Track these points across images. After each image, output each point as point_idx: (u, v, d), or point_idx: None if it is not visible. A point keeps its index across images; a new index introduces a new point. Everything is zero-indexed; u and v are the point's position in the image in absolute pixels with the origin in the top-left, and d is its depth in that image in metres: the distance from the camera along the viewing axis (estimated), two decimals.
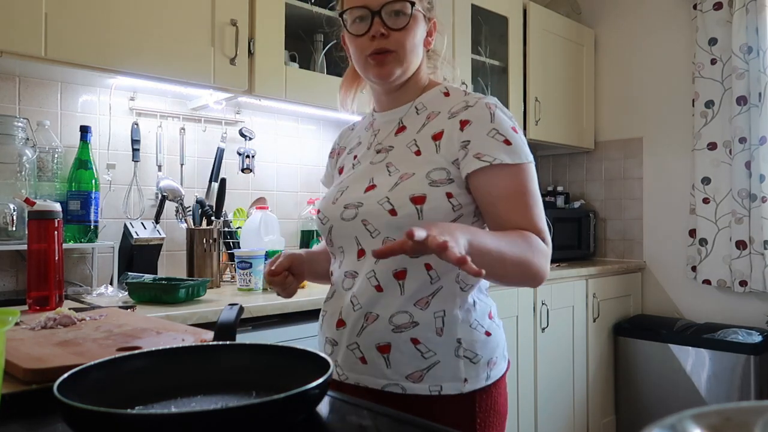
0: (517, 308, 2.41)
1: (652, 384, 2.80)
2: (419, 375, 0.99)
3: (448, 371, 0.99)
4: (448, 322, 1.00)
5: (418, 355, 0.99)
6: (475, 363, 1.01)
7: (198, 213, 1.96)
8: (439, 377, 0.99)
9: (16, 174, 1.63)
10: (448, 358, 0.99)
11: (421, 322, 1.00)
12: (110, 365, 0.65)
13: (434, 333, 1.00)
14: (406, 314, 1.00)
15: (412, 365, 0.99)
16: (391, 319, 1.00)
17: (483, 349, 1.02)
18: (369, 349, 1.01)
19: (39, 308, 1.28)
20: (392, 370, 1.00)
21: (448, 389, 0.99)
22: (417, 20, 1.07)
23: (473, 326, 1.02)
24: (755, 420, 0.35)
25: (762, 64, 2.65)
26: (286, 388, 0.55)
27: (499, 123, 1.01)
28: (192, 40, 1.76)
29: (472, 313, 1.03)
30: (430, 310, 1.00)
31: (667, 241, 3.09)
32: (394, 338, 1.00)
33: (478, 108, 1.03)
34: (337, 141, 1.29)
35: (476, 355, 1.01)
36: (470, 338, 1.01)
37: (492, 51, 2.86)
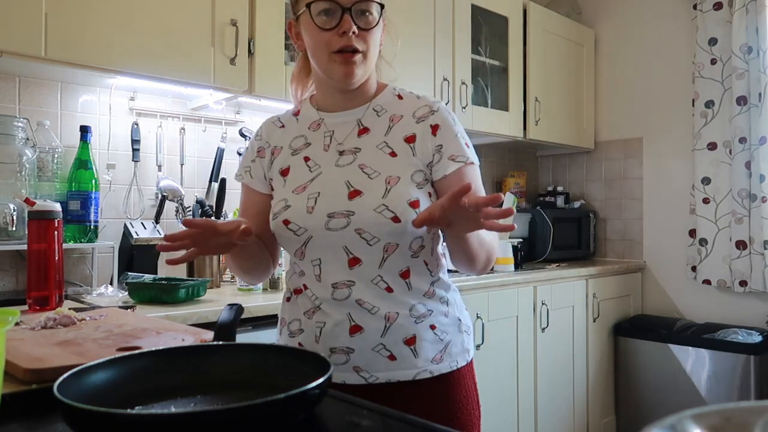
0: (517, 308, 2.41)
1: (652, 384, 2.80)
2: (440, 356, 1.07)
3: (458, 346, 1.10)
4: (450, 304, 1.12)
5: (437, 339, 1.08)
6: (468, 334, 1.14)
7: (198, 213, 1.96)
8: (454, 354, 1.09)
9: (16, 174, 1.63)
10: (456, 336, 1.10)
11: (433, 309, 1.09)
12: (110, 365, 0.65)
13: (444, 316, 1.10)
14: (422, 305, 1.07)
15: (434, 349, 1.07)
16: (411, 311, 1.06)
17: (468, 322, 1.16)
18: (396, 345, 1.05)
19: (39, 308, 1.28)
20: (420, 358, 1.06)
21: (461, 362, 1.10)
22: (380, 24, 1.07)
23: (459, 303, 1.16)
24: (755, 420, 0.35)
25: (762, 64, 2.65)
26: (286, 388, 0.55)
27: (459, 126, 1.12)
28: (192, 40, 1.76)
29: (457, 293, 1.17)
30: (436, 298, 1.10)
31: (667, 241, 3.09)
32: (418, 329, 1.06)
33: (442, 112, 1.10)
34: (264, 138, 1.18)
35: (468, 327, 1.15)
36: (463, 314, 1.15)
37: (492, 51, 2.86)
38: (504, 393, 2.35)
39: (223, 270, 2.09)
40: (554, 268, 2.73)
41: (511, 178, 3.32)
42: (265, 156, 1.17)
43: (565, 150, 3.41)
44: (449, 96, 2.50)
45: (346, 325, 1.04)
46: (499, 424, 2.33)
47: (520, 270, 2.63)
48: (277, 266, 1.32)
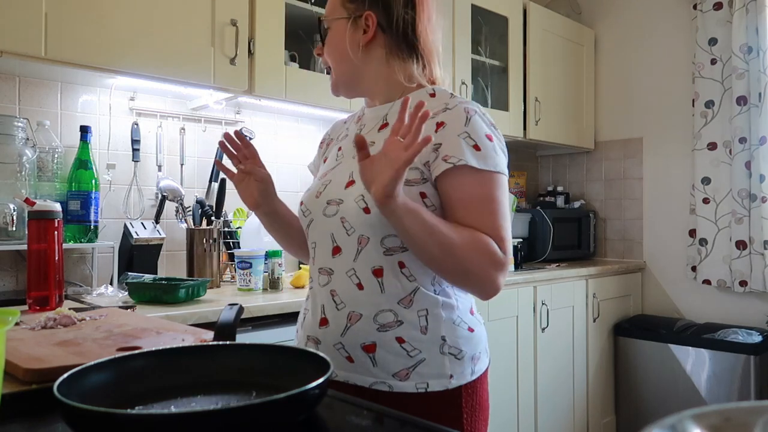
0: (517, 308, 2.41)
1: (652, 384, 2.80)
2: (405, 373, 1.00)
3: (434, 368, 1.00)
4: (432, 320, 1.01)
5: (404, 353, 1.00)
6: (459, 359, 1.02)
7: (198, 213, 1.96)
8: (426, 374, 1.00)
9: (16, 174, 1.63)
10: (434, 356, 1.01)
11: (405, 320, 1.01)
12: (110, 365, 0.65)
13: (419, 331, 1.01)
14: (391, 313, 1.01)
15: (399, 364, 1.00)
16: (376, 318, 1.01)
17: (467, 345, 1.03)
18: (354, 348, 1.02)
19: (39, 308, 1.28)
20: (378, 368, 1.01)
21: (434, 386, 1.00)
22: (336, 29, 1.09)
23: (456, 323, 1.03)
24: (755, 420, 0.35)
25: (762, 64, 2.65)
26: (286, 388, 0.55)
27: (474, 127, 1.00)
28: (192, 40, 1.76)
29: (455, 311, 1.04)
30: (413, 309, 1.01)
31: (667, 241, 3.09)
32: (380, 337, 1.01)
33: (455, 111, 1.02)
34: (328, 132, 1.30)
35: (460, 351, 1.02)
36: (454, 335, 1.02)
37: (492, 51, 2.86)
38: (504, 393, 2.35)
39: (223, 270, 2.09)
40: (554, 268, 2.73)
41: (511, 178, 3.32)
42: (323, 147, 1.29)
43: (565, 150, 3.41)
44: None
45: (318, 316, 1.07)
46: (499, 424, 2.33)
47: (520, 270, 2.63)
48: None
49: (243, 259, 1.85)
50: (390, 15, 1.07)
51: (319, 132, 2.53)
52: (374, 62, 1.10)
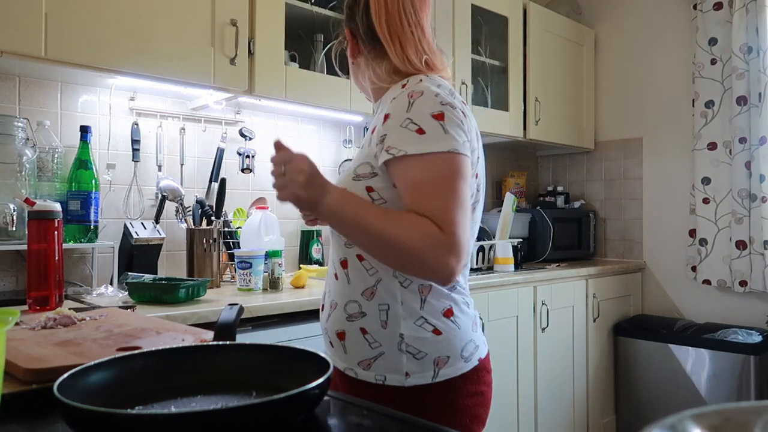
0: (517, 308, 2.41)
1: (652, 384, 2.80)
2: (368, 363, 1.05)
3: (391, 363, 1.03)
4: (391, 316, 1.03)
5: (367, 344, 1.05)
6: (418, 359, 1.02)
7: (198, 213, 1.96)
8: (383, 368, 1.03)
9: (16, 174, 1.63)
10: (392, 351, 1.03)
11: (368, 312, 1.04)
12: (110, 365, 0.65)
13: (379, 325, 1.04)
14: (356, 304, 1.06)
15: (362, 353, 1.05)
16: (345, 308, 1.07)
17: (429, 347, 1.02)
18: (332, 334, 1.10)
19: (39, 308, 1.28)
20: (348, 355, 1.07)
21: (391, 380, 1.03)
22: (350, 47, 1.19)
23: (418, 323, 1.03)
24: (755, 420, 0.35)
25: (762, 64, 2.65)
26: (286, 388, 0.55)
27: (416, 111, 0.98)
28: (192, 40, 1.76)
29: (417, 310, 1.03)
30: (375, 302, 1.04)
31: (667, 241, 3.10)
32: (348, 327, 1.07)
33: (400, 98, 1.01)
34: None
35: (420, 352, 1.02)
36: (413, 335, 1.02)
37: (492, 51, 2.86)
38: (504, 393, 2.35)
39: (223, 270, 2.09)
40: (554, 268, 2.73)
41: (511, 178, 3.32)
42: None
43: (565, 150, 3.41)
44: None
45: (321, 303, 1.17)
46: (499, 424, 2.33)
47: (520, 270, 2.63)
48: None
49: (243, 259, 1.85)
50: (356, 26, 1.14)
51: (319, 132, 2.53)
52: (363, 68, 1.16)
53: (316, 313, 1.67)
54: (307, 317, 1.68)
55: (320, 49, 2.23)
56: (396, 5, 1.10)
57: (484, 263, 2.61)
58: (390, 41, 1.10)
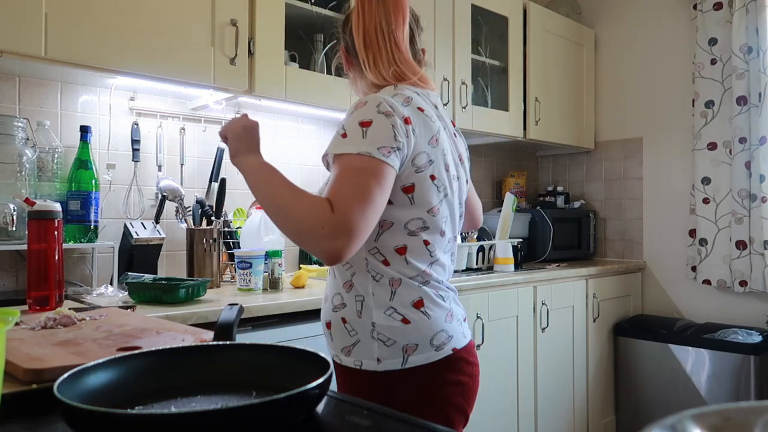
0: (517, 308, 2.41)
1: (652, 384, 2.80)
2: (348, 350, 1.16)
3: (366, 350, 1.13)
4: (365, 306, 1.14)
5: (347, 333, 1.16)
6: (388, 346, 1.12)
7: (198, 213, 1.96)
8: (360, 354, 1.14)
9: (16, 174, 1.63)
10: (366, 339, 1.13)
11: (347, 303, 1.16)
12: (110, 365, 0.65)
13: (356, 315, 1.15)
14: (340, 296, 1.18)
15: (344, 341, 1.16)
16: (332, 300, 1.19)
17: (398, 335, 1.12)
18: (323, 325, 1.22)
19: (39, 308, 1.28)
20: (334, 342, 1.19)
21: (366, 365, 1.13)
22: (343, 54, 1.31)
23: (387, 313, 1.12)
24: (755, 420, 0.35)
25: (762, 64, 2.65)
26: (286, 388, 0.55)
27: (349, 118, 1.10)
28: (192, 40, 1.76)
29: (387, 301, 1.13)
30: (352, 293, 1.15)
31: (667, 241, 3.10)
32: (333, 317, 1.18)
33: (349, 110, 1.14)
34: None
35: (389, 339, 1.12)
36: (384, 324, 1.12)
37: (492, 51, 2.86)
38: (504, 393, 2.35)
39: (223, 270, 2.09)
40: (554, 268, 2.73)
41: (511, 178, 3.32)
42: None
43: (565, 150, 3.41)
44: (449, 96, 2.50)
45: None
46: (499, 424, 2.33)
47: (520, 270, 2.63)
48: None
49: (243, 259, 1.85)
50: (345, 42, 1.28)
51: (319, 132, 2.53)
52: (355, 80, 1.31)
53: (316, 313, 1.67)
54: (307, 317, 1.68)
55: (320, 49, 2.23)
56: (372, 22, 1.20)
57: (484, 263, 2.62)
58: (365, 57, 1.21)
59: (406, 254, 1.13)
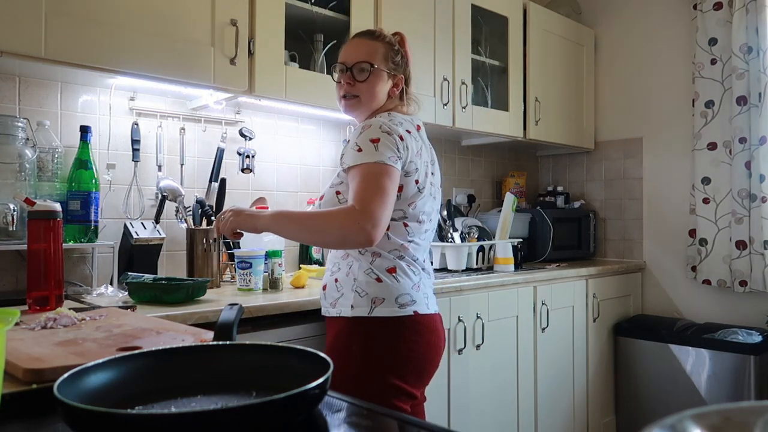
0: (517, 308, 2.41)
1: (652, 384, 2.80)
2: (334, 303, 1.46)
3: (347, 300, 1.43)
4: (351, 268, 1.45)
5: (336, 289, 1.47)
6: (362, 297, 1.41)
7: (198, 213, 1.96)
8: (342, 304, 1.44)
9: (16, 174, 1.63)
10: (347, 291, 1.43)
11: (341, 268, 1.47)
12: (110, 365, 0.65)
13: (345, 275, 1.45)
14: (337, 264, 1.49)
15: (333, 297, 1.47)
16: (332, 268, 1.51)
17: (370, 288, 1.41)
18: (321, 289, 1.53)
19: (39, 308, 1.28)
20: (326, 301, 1.49)
21: (343, 312, 1.43)
22: (378, 76, 1.50)
23: (366, 272, 1.42)
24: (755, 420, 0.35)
25: (762, 64, 2.65)
26: (286, 388, 0.55)
27: (361, 137, 1.39)
28: (192, 40, 1.76)
29: (367, 264, 1.43)
30: (346, 262, 1.46)
31: (667, 241, 3.10)
32: (328, 279, 1.50)
33: (357, 129, 1.43)
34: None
35: (363, 291, 1.41)
36: (362, 279, 1.42)
37: (492, 51, 2.86)
38: (504, 393, 2.35)
39: (223, 270, 2.09)
40: (554, 268, 2.73)
41: (511, 178, 3.32)
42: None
43: (565, 150, 3.41)
44: (449, 96, 2.50)
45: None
46: (500, 424, 2.33)
47: (520, 270, 2.63)
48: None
49: (243, 259, 1.85)
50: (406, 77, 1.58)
51: (319, 132, 2.53)
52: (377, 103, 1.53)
53: (316, 313, 1.68)
54: (307, 317, 1.68)
55: (320, 49, 2.23)
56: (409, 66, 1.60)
57: (484, 263, 2.61)
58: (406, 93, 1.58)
59: (389, 231, 1.42)
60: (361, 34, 1.56)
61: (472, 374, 2.19)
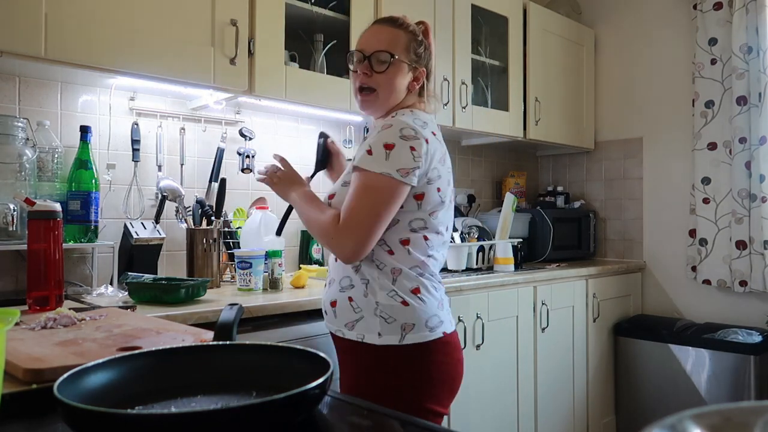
0: (517, 308, 2.41)
1: (652, 384, 2.79)
2: (352, 325, 1.33)
3: (369, 325, 1.30)
4: (370, 288, 1.32)
5: (352, 310, 1.33)
6: (389, 323, 1.29)
7: (198, 213, 1.96)
8: (363, 328, 1.31)
9: (16, 174, 1.63)
10: (369, 316, 1.31)
11: (355, 285, 1.33)
12: (110, 365, 0.65)
13: (362, 295, 1.32)
14: (348, 279, 1.35)
15: (349, 316, 1.34)
16: (341, 282, 1.36)
17: (398, 314, 1.29)
18: (326, 304, 1.41)
19: (39, 308, 1.28)
20: (338, 319, 1.36)
21: (368, 339, 1.30)
22: (398, 68, 1.37)
23: (390, 295, 1.30)
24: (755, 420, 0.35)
25: (762, 64, 2.65)
26: (286, 388, 0.55)
27: (376, 138, 1.28)
28: (192, 40, 1.76)
29: (390, 285, 1.31)
30: (359, 276, 1.33)
31: (667, 241, 3.10)
32: (339, 296, 1.36)
33: (376, 128, 1.33)
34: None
35: (390, 317, 1.29)
36: (386, 303, 1.30)
37: (492, 51, 2.86)
38: (504, 393, 2.35)
39: (223, 270, 2.09)
40: (554, 268, 2.73)
41: (511, 178, 3.32)
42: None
43: (565, 150, 3.41)
44: (449, 96, 2.50)
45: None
46: (500, 423, 2.33)
47: (520, 270, 2.63)
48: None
49: (243, 259, 1.85)
50: (428, 71, 1.44)
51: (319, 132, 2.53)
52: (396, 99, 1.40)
53: (316, 313, 1.68)
54: (307, 317, 1.68)
55: (320, 49, 2.23)
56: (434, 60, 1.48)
57: (484, 263, 2.62)
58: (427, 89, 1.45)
59: (409, 246, 1.32)
60: (382, 21, 1.44)
61: (472, 374, 2.19)
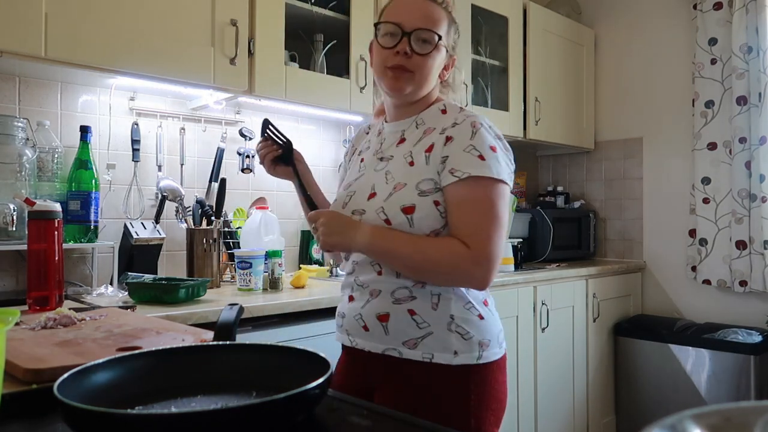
0: (517, 308, 2.41)
1: (652, 384, 2.80)
2: (414, 342, 1.11)
3: (440, 342, 1.11)
4: (443, 299, 1.12)
5: (414, 325, 1.12)
6: (466, 339, 1.11)
7: (198, 213, 1.96)
8: (432, 346, 1.11)
9: (16, 174, 1.63)
10: (441, 331, 1.11)
11: (418, 296, 1.12)
12: (110, 365, 0.65)
13: (430, 307, 1.12)
14: (407, 290, 1.13)
15: (410, 335, 1.12)
16: (393, 293, 1.13)
17: (475, 329, 1.13)
18: (370, 317, 1.15)
19: (39, 308, 1.28)
20: (390, 336, 1.13)
21: (439, 358, 1.10)
22: (440, 51, 1.21)
23: (467, 307, 1.13)
24: (755, 420, 0.35)
25: (762, 64, 2.65)
26: (286, 388, 0.55)
27: (479, 140, 1.10)
28: (192, 40, 1.76)
29: (466, 296, 1.14)
30: (427, 289, 1.12)
31: (667, 241, 3.09)
32: (394, 309, 1.13)
33: (463, 126, 1.13)
34: (353, 141, 1.39)
35: (467, 333, 1.12)
36: (463, 316, 1.12)
37: (492, 51, 2.86)
38: None
39: (223, 270, 2.09)
40: (554, 268, 2.73)
41: None
42: (348, 156, 1.38)
43: (565, 150, 3.41)
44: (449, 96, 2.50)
45: (347, 297, 1.22)
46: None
47: (520, 270, 2.63)
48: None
49: (243, 259, 1.85)
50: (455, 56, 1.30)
51: (319, 132, 2.53)
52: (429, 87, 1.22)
53: (316, 313, 1.68)
54: (307, 317, 1.68)
55: (320, 49, 2.23)
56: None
57: None
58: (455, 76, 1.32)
59: None
60: None
61: None
